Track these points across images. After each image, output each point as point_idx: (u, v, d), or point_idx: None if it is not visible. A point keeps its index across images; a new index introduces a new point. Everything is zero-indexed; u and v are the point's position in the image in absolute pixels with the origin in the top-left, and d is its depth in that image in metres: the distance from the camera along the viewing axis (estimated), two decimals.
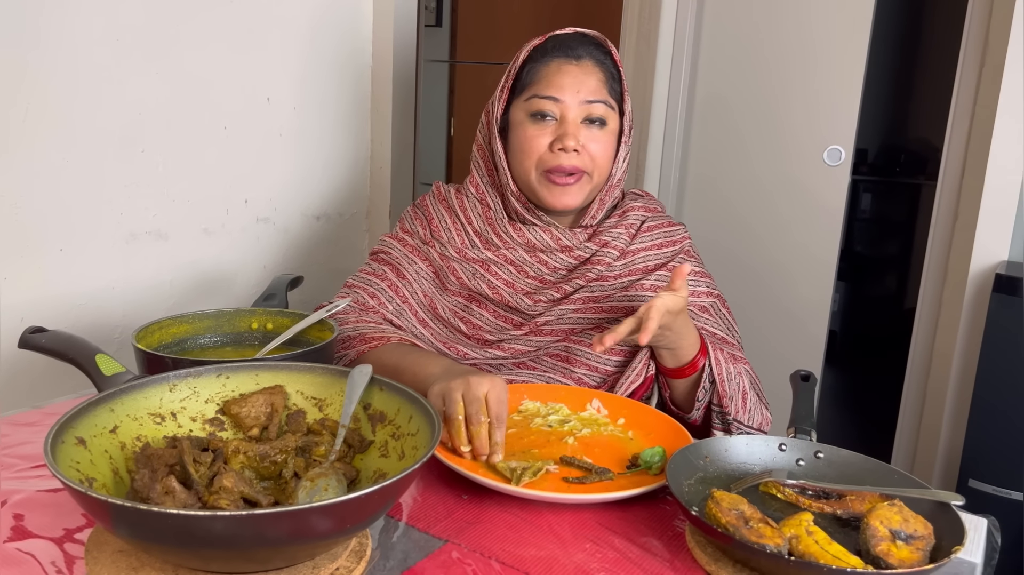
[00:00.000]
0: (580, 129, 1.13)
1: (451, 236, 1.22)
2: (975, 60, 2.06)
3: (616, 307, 1.17)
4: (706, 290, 1.22)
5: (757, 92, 2.47)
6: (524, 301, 1.17)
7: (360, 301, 1.20)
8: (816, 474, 0.86)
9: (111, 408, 0.75)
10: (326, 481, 0.74)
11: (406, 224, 1.27)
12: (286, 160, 1.74)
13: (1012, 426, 1.80)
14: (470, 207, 1.24)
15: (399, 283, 1.21)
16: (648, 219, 1.24)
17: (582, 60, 1.14)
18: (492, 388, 0.90)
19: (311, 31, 1.74)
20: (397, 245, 1.25)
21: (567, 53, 1.15)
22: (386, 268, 1.23)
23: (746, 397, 1.11)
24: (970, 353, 1.96)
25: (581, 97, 1.13)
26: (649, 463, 0.89)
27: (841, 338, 3.89)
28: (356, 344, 1.11)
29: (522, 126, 1.16)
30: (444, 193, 1.27)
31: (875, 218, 3.98)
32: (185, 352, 1.10)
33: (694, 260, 1.24)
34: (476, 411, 0.89)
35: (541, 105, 1.13)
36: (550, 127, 1.14)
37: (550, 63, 1.15)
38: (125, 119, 1.40)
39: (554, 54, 1.15)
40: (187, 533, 0.58)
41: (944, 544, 0.72)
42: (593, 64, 1.15)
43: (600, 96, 1.14)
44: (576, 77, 1.13)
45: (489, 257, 1.20)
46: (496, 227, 1.21)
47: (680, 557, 0.76)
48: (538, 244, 1.19)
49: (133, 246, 1.46)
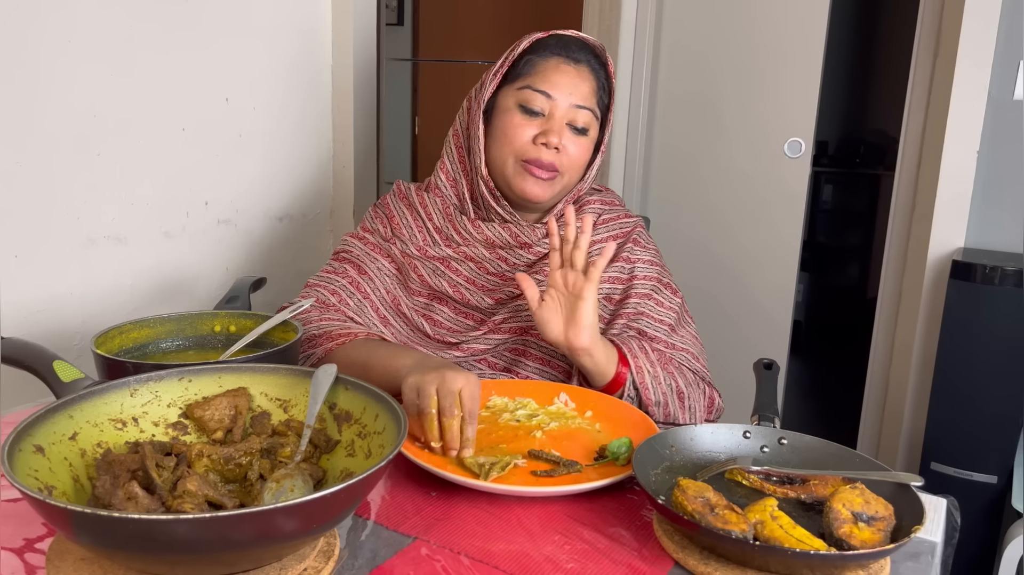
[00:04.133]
0: (565, 130, 1.15)
1: (412, 233, 1.23)
2: (928, 52, 2.10)
3: None
4: (652, 275, 1.22)
5: (717, 87, 2.50)
6: (484, 300, 1.19)
7: (321, 299, 1.19)
8: (780, 460, 0.87)
9: (70, 415, 0.73)
10: (292, 482, 0.73)
11: (367, 223, 1.28)
12: (247, 161, 1.72)
13: (971, 409, 1.84)
14: (430, 203, 1.24)
15: (360, 279, 1.21)
16: (604, 212, 1.26)
17: (580, 64, 1.16)
18: (467, 384, 0.90)
19: (270, 31, 1.73)
20: (358, 243, 1.25)
21: (568, 54, 1.16)
22: (347, 266, 1.23)
23: (682, 396, 1.12)
24: (930, 339, 2.00)
25: (572, 100, 1.14)
26: (616, 454, 0.90)
27: (805, 327, 3.94)
28: (322, 342, 1.11)
29: (509, 113, 1.16)
30: (405, 191, 1.28)
31: (836, 209, 4.04)
32: (147, 357, 1.08)
33: (640, 247, 1.24)
34: (449, 405, 0.89)
35: (533, 98, 1.14)
36: (537, 121, 1.15)
37: (549, 59, 1.16)
38: (80, 121, 1.38)
39: (555, 52, 1.16)
40: (150, 538, 0.57)
41: (905, 524, 0.74)
42: (589, 71, 1.17)
43: (589, 103, 1.16)
44: (572, 79, 1.15)
45: (449, 254, 1.21)
46: (456, 224, 1.22)
47: (648, 546, 0.77)
48: (497, 241, 1.20)
49: (91, 251, 1.43)
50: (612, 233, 1.24)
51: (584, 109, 1.15)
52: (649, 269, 1.23)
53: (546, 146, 1.13)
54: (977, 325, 1.82)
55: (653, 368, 1.10)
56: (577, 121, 1.15)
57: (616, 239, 1.23)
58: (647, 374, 1.09)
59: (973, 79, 1.90)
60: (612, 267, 1.21)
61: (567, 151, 1.15)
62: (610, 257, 1.06)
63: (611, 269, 1.21)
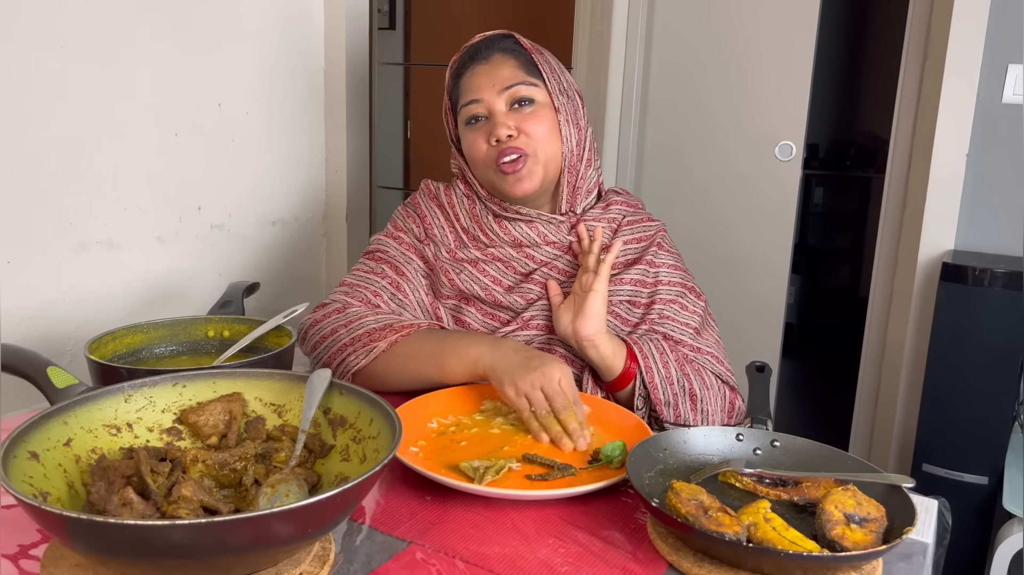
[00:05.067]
0: (509, 116, 1.17)
1: (444, 234, 1.25)
2: (917, 55, 2.12)
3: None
4: (677, 280, 1.23)
5: (708, 92, 2.51)
6: (516, 300, 1.20)
7: (364, 299, 1.18)
8: (773, 462, 0.88)
9: (64, 421, 0.73)
10: (287, 487, 0.73)
11: (400, 222, 1.28)
12: (240, 166, 1.72)
13: (962, 411, 1.85)
14: (458, 203, 1.26)
15: (400, 280, 1.21)
16: (629, 214, 1.27)
17: (491, 58, 1.19)
18: (563, 375, 0.97)
19: (262, 36, 1.73)
20: (393, 243, 1.25)
21: (476, 57, 1.20)
22: (385, 266, 1.22)
23: (695, 399, 1.12)
24: (921, 341, 2.02)
25: (497, 87, 1.17)
26: (610, 457, 0.90)
27: (797, 330, 3.96)
28: (387, 334, 1.10)
29: (465, 136, 1.21)
30: (434, 190, 1.29)
31: (827, 211, 4.06)
32: (140, 362, 1.08)
33: (664, 252, 1.26)
34: (563, 403, 0.96)
35: (469, 111, 1.19)
36: (483, 127, 1.19)
37: (465, 72, 1.21)
38: (71, 127, 1.38)
39: (468, 64, 1.21)
40: (145, 544, 0.57)
41: (896, 526, 0.74)
42: (502, 56, 1.20)
43: (515, 79, 1.18)
44: (488, 74, 1.18)
45: (477, 256, 1.22)
46: (482, 224, 1.23)
47: (642, 549, 0.77)
48: (524, 240, 1.22)
49: (84, 256, 1.43)
50: (636, 235, 1.25)
51: (513, 86, 1.17)
52: (673, 274, 1.24)
53: (499, 140, 1.16)
54: (967, 327, 1.83)
55: (666, 368, 1.10)
56: (515, 96, 1.17)
57: (640, 242, 1.25)
58: (656, 373, 1.09)
59: (962, 82, 1.92)
60: (635, 270, 1.22)
61: (524, 129, 1.16)
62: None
63: (634, 271, 1.22)
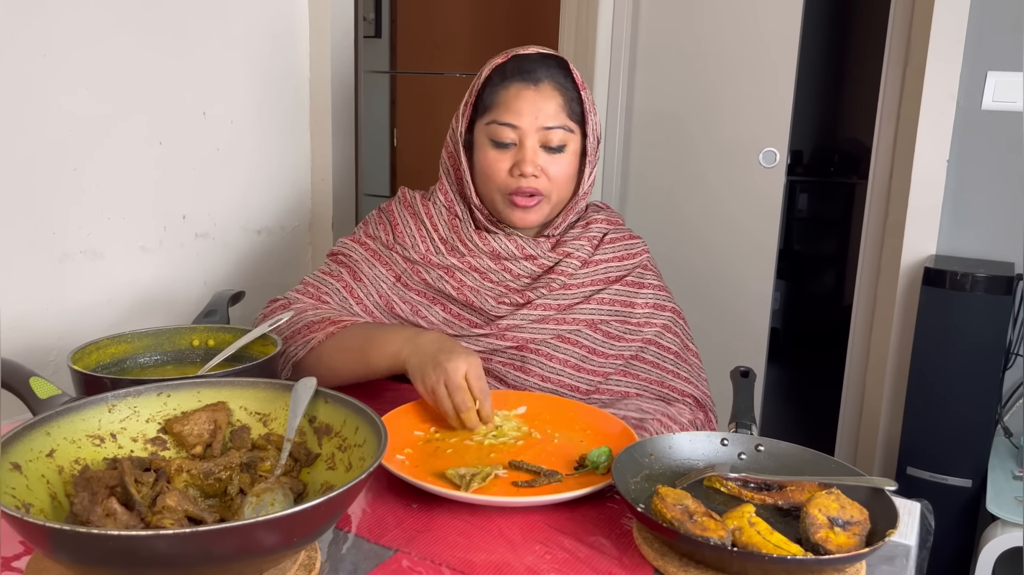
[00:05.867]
0: (538, 154, 1.15)
1: (415, 242, 1.23)
2: (899, 63, 2.14)
3: (578, 319, 1.20)
4: (665, 304, 1.25)
5: (693, 98, 2.52)
6: (488, 301, 1.19)
7: (314, 298, 1.20)
8: (757, 467, 0.88)
9: (47, 431, 0.73)
10: (272, 496, 0.73)
11: (369, 228, 1.27)
12: (225, 174, 1.71)
13: (945, 414, 1.87)
14: (436, 214, 1.24)
15: (355, 285, 1.21)
16: (610, 231, 1.27)
17: (541, 84, 1.15)
18: (469, 367, 0.98)
19: (247, 44, 1.73)
20: (358, 248, 1.25)
21: (526, 77, 1.15)
22: (343, 270, 1.23)
23: None
24: (904, 345, 2.03)
25: (539, 123, 1.14)
26: (596, 463, 0.90)
27: (783, 335, 3.98)
28: (324, 326, 1.12)
29: (483, 149, 1.18)
30: (410, 199, 1.28)
31: (812, 217, 4.08)
32: (124, 372, 1.08)
33: (652, 273, 1.27)
34: (462, 400, 0.97)
35: (500, 131, 1.15)
36: (510, 152, 1.16)
37: (509, 87, 1.16)
38: (55, 136, 1.37)
39: (514, 78, 1.16)
40: (130, 554, 0.57)
41: (879, 528, 0.75)
42: (552, 88, 1.15)
43: (558, 122, 1.15)
44: (534, 103, 1.14)
45: (454, 263, 1.21)
46: (462, 235, 1.22)
47: (628, 554, 0.77)
48: (503, 252, 1.21)
49: (67, 266, 1.42)
50: (618, 254, 1.26)
51: (554, 129, 1.15)
52: (661, 296, 1.25)
53: (523, 176, 1.15)
54: (950, 331, 1.85)
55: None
56: (550, 141, 1.15)
57: (622, 259, 1.25)
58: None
59: (942, 90, 1.94)
60: (614, 289, 1.22)
61: (547, 172, 1.16)
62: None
63: (614, 291, 1.22)
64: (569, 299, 1.20)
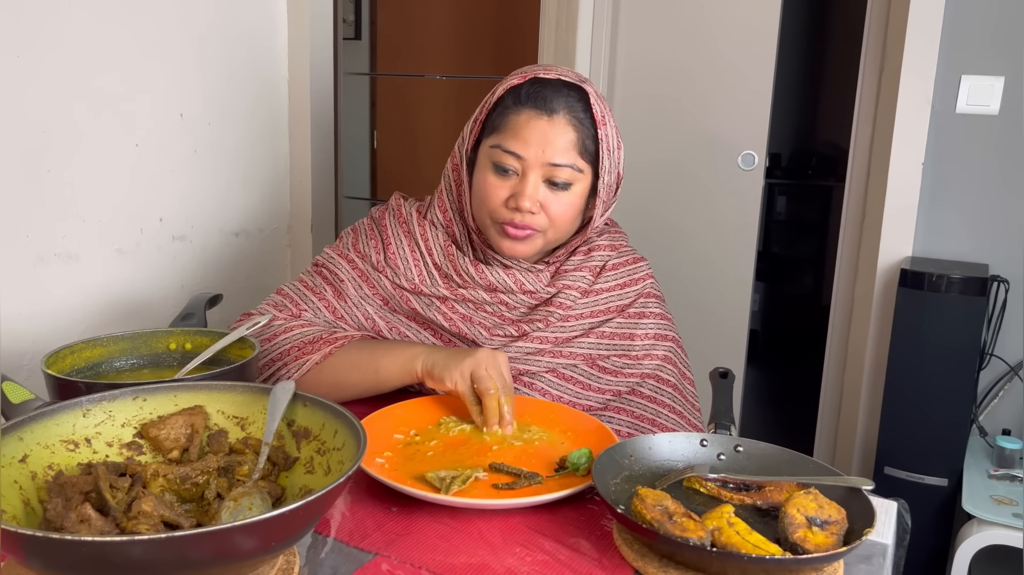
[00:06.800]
0: (540, 188, 1.07)
1: (408, 267, 1.16)
2: (875, 67, 2.16)
3: (576, 354, 1.15)
4: (666, 333, 1.20)
5: (672, 103, 2.54)
6: (481, 333, 1.14)
7: (292, 313, 1.16)
8: (736, 467, 0.89)
9: (20, 437, 0.72)
10: (250, 500, 0.73)
11: (360, 244, 1.19)
12: (202, 176, 1.70)
13: (922, 415, 1.89)
14: (432, 237, 1.17)
15: (337, 305, 1.16)
16: (612, 258, 1.20)
17: (555, 116, 1.05)
18: (493, 361, 1.00)
19: (224, 46, 1.71)
20: (345, 266, 1.18)
21: (541, 105, 1.06)
22: (327, 288, 1.18)
23: None
24: (881, 346, 2.05)
25: (546, 158, 1.05)
26: (576, 465, 0.90)
27: (762, 336, 4.00)
28: (320, 346, 1.09)
29: (484, 172, 1.10)
30: (406, 216, 1.20)
31: (790, 219, 4.12)
32: (100, 376, 1.06)
33: (654, 301, 1.21)
34: (486, 387, 0.99)
35: (503, 158, 1.07)
36: (510, 181, 1.08)
37: (521, 113, 1.06)
38: (29, 138, 1.35)
39: (527, 104, 1.06)
40: (105, 561, 0.56)
41: (857, 527, 0.75)
42: (567, 122, 1.06)
43: (567, 159, 1.06)
44: (544, 135, 1.05)
45: (446, 294, 1.15)
46: (457, 264, 1.15)
47: (608, 555, 0.77)
48: (499, 286, 1.15)
49: (41, 269, 1.40)
50: (620, 281, 1.20)
51: (561, 167, 1.06)
52: (662, 325, 1.20)
53: (518, 210, 1.07)
54: (926, 332, 1.87)
55: None
56: (556, 177, 1.07)
57: (623, 287, 1.20)
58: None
59: (917, 93, 1.97)
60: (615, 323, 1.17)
61: (547, 209, 1.08)
62: None
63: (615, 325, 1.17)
64: (567, 332, 1.15)
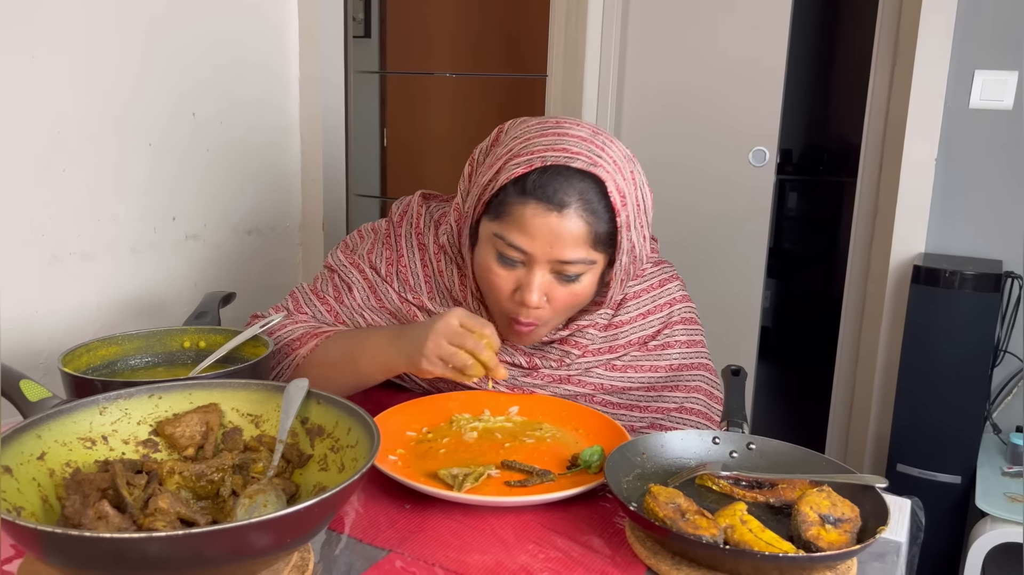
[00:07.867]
0: (546, 281, 1.00)
1: (418, 282, 1.13)
2: (887, 62, 2.15)
3: (592, 383, 1.11)
4: (693, 362, 1.14)
5: (683, 99, 2.53)
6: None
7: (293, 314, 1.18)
8: (749, 465, 0.89)
9: (38, 434, 0.73)
10: (265, 497, 0.73)
11: (373, 255, 1.16)
12: (214, 175, 1.71)
13: (935, 411, 1.88)
14: (445, 262, 1.12)
15: (339, 309, 1.16)
16: (633, 287, 1.13)
17: (565, 211, 0.95)
18: (459, 317, 0.96)
19: (236, 45, 1.72)
20: (357, 275, 1.16)
21: (550, 199, 0.95)
22: (331, 292, 1.17)
23: None
24: (893, 343, 2.04)
25: (554, 254, 0.97)
26: (588, 463, 0.90)
27: (773, 333, 3.99)
28: (307, 340, 1.09)
29: (487, 255, 1.02)
30: (423, 229, 1.15)
31: (801, 216, 4.10)
32: (115, 374, 1.07)
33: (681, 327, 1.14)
34: (472, 344, 0.96)
35: (507, 251, 0.99)
36: (516, 272, 1.00)
37: (527, 204, 0.96)
38: (44, 138, 1.36)
39: (535, 195, 0.96)
40: (122, 557, 0.57)
41: (870, 525, 0.75)
42: (579, 215, 0.96)
43: (577, 255, 0.97)
44: (552, 230, 0.96)
45: None
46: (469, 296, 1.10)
47: (621, 553, 0.78)
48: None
49: (57, 268, 1.42)
50: (643, 310, 1.13)
51: (572, 263, 0.98)
52: (689, 354, 1.13)
53: (524, 305, 1.00)
54: (938, 328, 1.86)
55: None
56: (565, 271, 0.99)
57: (647, 316, 1.13)
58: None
59: (929, 88, 1.95)
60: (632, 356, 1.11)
61: (555, 299, 1.01)
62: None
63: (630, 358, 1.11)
64: (583, 366, 1.10)
